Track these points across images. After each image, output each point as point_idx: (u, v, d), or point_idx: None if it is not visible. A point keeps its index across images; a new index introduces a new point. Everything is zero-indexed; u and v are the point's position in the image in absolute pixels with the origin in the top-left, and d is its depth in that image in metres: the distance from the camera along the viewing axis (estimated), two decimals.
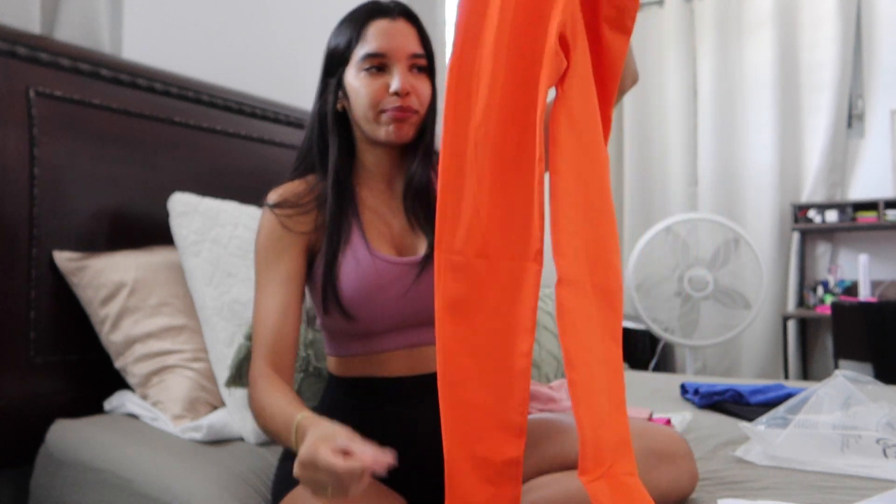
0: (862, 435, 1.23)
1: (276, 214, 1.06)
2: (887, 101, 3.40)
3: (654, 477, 0.95)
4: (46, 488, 1.28)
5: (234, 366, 1.25)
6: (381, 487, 1.01)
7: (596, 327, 0.87)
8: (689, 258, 3.01)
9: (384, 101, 1.03)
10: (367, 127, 1.06)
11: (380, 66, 1.03)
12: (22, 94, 1.36)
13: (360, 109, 1.05)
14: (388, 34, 1.04)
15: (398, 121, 1.03)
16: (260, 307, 1.04)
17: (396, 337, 1.06)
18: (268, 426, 0.94)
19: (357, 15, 1.07)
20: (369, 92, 1.03)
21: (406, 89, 1.02)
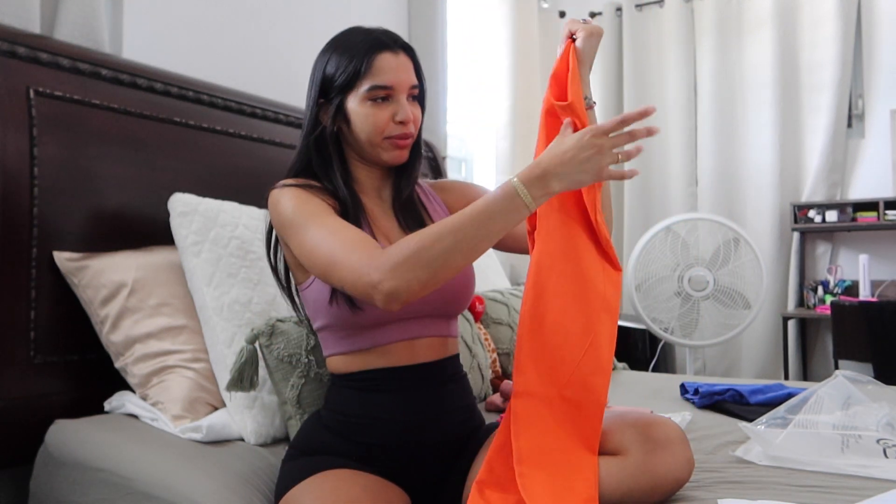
0: (862, 435, 1.23)
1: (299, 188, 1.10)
2: (887, 101, 3.39)
3: (651, 463, 0.98)
4: (46, 488, 1.28)
5: (236, 370, 1.24)
6: (383, 482, 1.03)
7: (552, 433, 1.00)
8: (689, 258, 3.01)
9: (389, 128, 1.12)
10: (371, 150, 1.15)
11: (385, 97, 1.12)
12: (22, 93, 1.36)
13: (364, 135, 1.13)
14: (394, 69, 1.12)
15: (400, 147, 1.14)
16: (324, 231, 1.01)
17: (398, 329, 1.09)
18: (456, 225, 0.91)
19: (360, 46, 1.12)
20: (376, 121, 1.12)
21: (409, 119, 1.13)
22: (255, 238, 1.51)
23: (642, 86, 3.91)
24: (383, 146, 1.14)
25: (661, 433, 1.01)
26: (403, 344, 1.10)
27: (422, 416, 1.08)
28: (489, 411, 1.72)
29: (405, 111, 1.12)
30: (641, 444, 0.99)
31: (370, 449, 1.07)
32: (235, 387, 1.24)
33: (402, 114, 1.12)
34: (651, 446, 0.99)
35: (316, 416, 1.16)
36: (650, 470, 0.97)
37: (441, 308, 1.13)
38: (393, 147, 1.14)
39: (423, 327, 1.11)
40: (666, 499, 1.02)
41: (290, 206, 1.07)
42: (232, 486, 1.10)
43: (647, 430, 1.01)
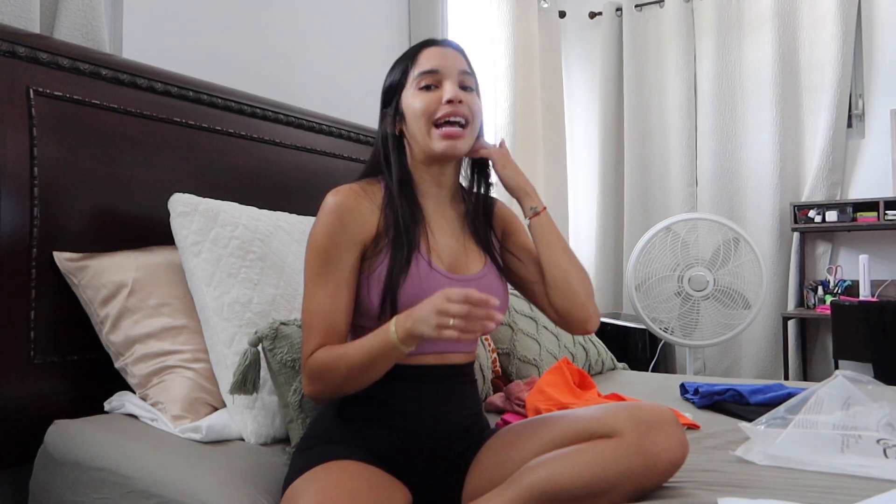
0: (862, 435, 1.23)
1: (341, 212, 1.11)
2: (887, 101, 3.39)
3: (645, 443, 0.99)
4: (46, 488, 1.28)
5: (240, 373, 1.24)
6: (386, 476, 1.04)
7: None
8: (689, 258, 3.01)
9: (438, 110, 1.13)
10: (423, 141, 1.15)
11: (434, 83, 1.14)
12: (22, 93, 1.36)
13: (415, 123, 1.14)
14: (440, 55, 1.16)
15: (451, 137, 1.13)
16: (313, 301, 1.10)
17: (429, 344, 1.09)
18: (351, 361, 1.02)
19: (410, 50, 1.20)
20: (423, 103, 1.13)
21: (458, 96, 1.13)
22: (255, 238, 1.51)
23: (642, 86, 3.91)
24: (434, 135, 1.13)
25: (653, 415, 1.03)
26: (431, 356, 1.13)
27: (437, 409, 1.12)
28: (489, 411, 1.72)
29: (454, 91, 1.13)
30: (634, 425, 1.00)
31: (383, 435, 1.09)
32: (238, 390, 1.24)
33: (449, 92, 1.12)
34: (644, 427, 1.00)
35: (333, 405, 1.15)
36: (644, 450, 0.98)
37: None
38: (443, 136, 1.13)
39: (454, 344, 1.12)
40: (662, 480, 1.03)
41: (313, 240, 1.12)
42: (232, 485, 1.10)
43: (638, 412, 1.03)
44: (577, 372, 1.84)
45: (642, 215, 3.85)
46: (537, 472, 0.99)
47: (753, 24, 3.65)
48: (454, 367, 1.16)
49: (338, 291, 1.10)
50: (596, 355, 2.28)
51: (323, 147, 2.11)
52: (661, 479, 1.02)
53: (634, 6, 3.93)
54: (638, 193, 3.87)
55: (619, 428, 1.00)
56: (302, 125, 2.04)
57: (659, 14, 3.90)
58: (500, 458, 1.07)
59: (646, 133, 3.89)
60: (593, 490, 0.97)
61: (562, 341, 2.15)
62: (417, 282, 1.09)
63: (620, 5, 3.98)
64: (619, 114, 3.98)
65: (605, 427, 1.01)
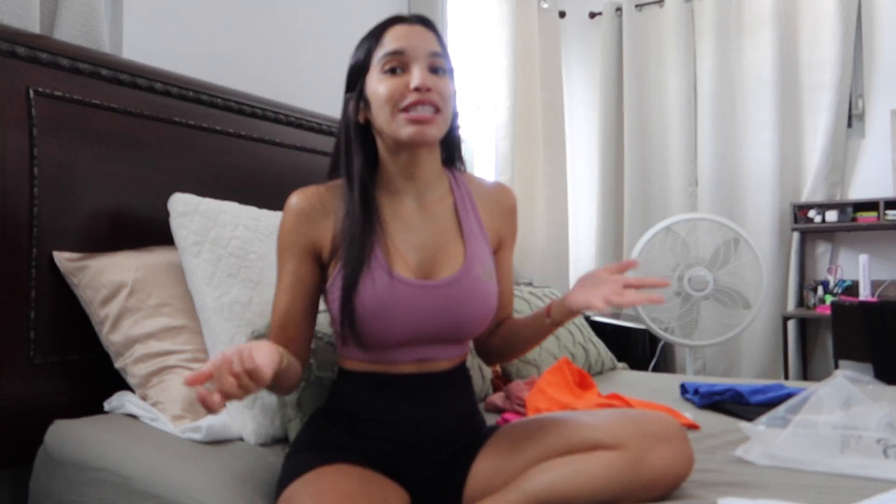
0: (862, 435, 1.23)
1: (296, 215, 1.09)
2: (887, 101, 3.39)
3: (651, 459, 0.98)
4: (46, 488, 1.28)
5: None
6: (383, 478, 1.03)
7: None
8: (689, 258, 3.01)
9: (404, 97, 1.02)
10: (389, 129, 1.04)
11: (399, 65, 1.04)
12: (22, 93, 1.36)
13: (380, 111, 1.04)
14: (406, 35, 1.05)
15: (417, 122, 1.02)
16: (275, 296, 1.12)
17: (408, 352, 1.08)
18: None
19: (375, 28, 1.09)
20: (388, 88, 1.02)
21: (427, 84, 1.02)
22: (255, 238, 1.51)
23: (642, 86, 3.91)
24: (399, 121, 1.02)
25: (661, 428, 1.01)
26: (412, 363, 1.09)
27: (426, 415, 1.08)
28: (489, 411, 1.72)
29: (421, 76, 1.01)
30: (640, 438, 0.98)
31: (373, 442, 1.07)
32: None
33: (417, 79, 1.01)
34: (650, 441, 0.98)
35: (320, 411, 1.16)
36: (650, 464, 0.97)
37: (451, 337, 1.10)
38: (409, 121, 1.02)
39: (433, 351, 1.09)
40: (666, 495, 1.02)
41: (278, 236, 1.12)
42: (231, 486, 1.10)
43: (645, 424, 1.01)
44: (578, 372, 1.84)
45: (642, 215, 3.85)
46: (540, 479, 0.98)
47: (753, 24, 3.65)
48: (438, 374, 1.10)
49: (291, 293, 1.09)
50: (596, 355, 2.28)
51: (323, 147, 2.11)
52: (664, 493, 1.01)
53: (634, 6, 3.93)
54: (638, 193, 3.87)
55: (624, 440, 0.98)
56: (302, 125, 2.04)
57: (659, 14, 3.90)
58: (502, 461, 1.05)
59: (646, 133, 3.89)
60: (595, 501, 0.96)
61: (561, 341, 2.15)
62: (374, 292, 1.02)
63: (620, 5, 3.98)
64: (619, 114, 3.98)
65: (611, 438, 0.99)
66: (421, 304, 1.04)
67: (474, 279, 1.08)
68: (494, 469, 1.05)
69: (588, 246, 4.08)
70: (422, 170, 1.10)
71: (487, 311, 1.11)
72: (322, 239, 1.08)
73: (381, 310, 1.02)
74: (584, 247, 4.11)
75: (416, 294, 1.04)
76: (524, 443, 1.06)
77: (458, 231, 1.12)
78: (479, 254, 1.11)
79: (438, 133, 1.06)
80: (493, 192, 1.20)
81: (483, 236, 1.14)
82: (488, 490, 1.03)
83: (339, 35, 2.47)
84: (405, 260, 1.07)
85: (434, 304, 1.05)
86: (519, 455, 1.04)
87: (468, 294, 1.07)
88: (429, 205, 1.12)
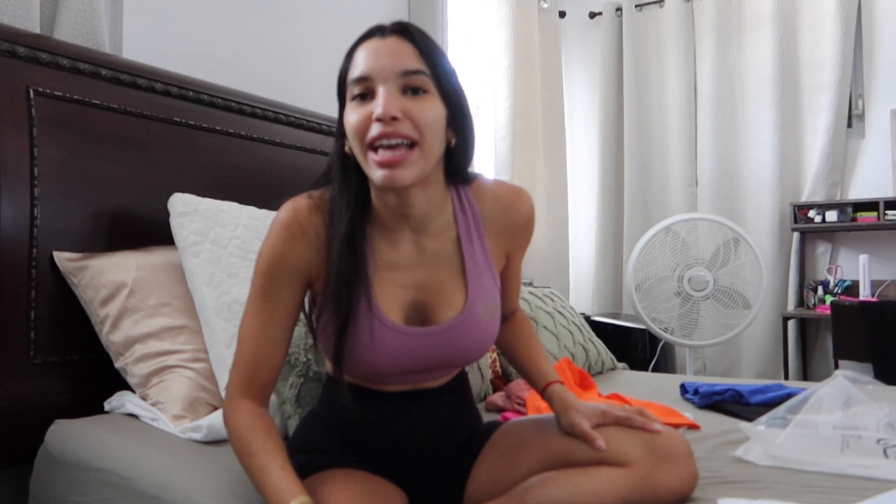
0: (862, 435, 1.23)
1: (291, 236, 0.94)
2: (887, 101, 3.39)
3: (655, 476, 0.96)
4: (46, 488, 1.28)
5: None
6: (381, 481, 1.02)
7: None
8: (689, 258, 3.01)
9: (369, 131, 0.87)
10: (364, 168, 0.90)
11: (366, 90, 0.89)
12: (22, 93, 1.36)
13: (353, 145, 0.90)
14: (375, 53, 0.89)
15: (383, 165, 0.86)
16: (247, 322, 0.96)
17: (400, 379, 1.03)
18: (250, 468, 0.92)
19: (353, 43, 0.95)
20: (353, 122, 0.88)
21: (389, 113, 0.85)
22: (255, 238, 1.51)
23: (642, 86, 3.91)
24: (369, 161, 0.88)
25: (668, 446, 0.99)
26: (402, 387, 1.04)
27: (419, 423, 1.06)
28: (489, 411, 1.72)
29: (383, 104, 0.85)
30: (647, 456, 0.97)
31: (369, 447, 1.06)
32: None
33: (379, 106, 0.85)
34: (657, 459, 0.97)
35: (311, 415, 1.13)
36: (655, 483, 0.96)
37: (449, 362, 1.03)
38: (377, 165, 0.86)
39: (425, 378, 1.04)
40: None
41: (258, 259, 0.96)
42: (232, 486, 1.10)
43: (653, 441, 0.99)
44: (578, 372, 1.84)
45: (642, 215, 3.85)
46: (542, 493, 0.96)
47: (753, 24, 3.65)
48: (431, 389, 1.05)
49: (271, 324, 0.95)
50: (596, 355, 2.28)
51: (323, 147, 2.11)
52: None
53: (634, 6, 3.93)
54: (638, 193, 3.87)
55: (631, 457, 0.97)
56: (302, 125, 2.04)
57: (659, 14, 3.90)
58: (503, 466, 1.04)
59: (646, 133, 3.89)
60: None
61: (562, 342, 2.15)
62: (368, 339, 0.94)
63: (620, 5, 3.98)
64: (619, 114, 3.98)
65: (617, 455, 0.98)
66: (415, 350, 0.97)
67: (474, 322, 1.00)
68: (495, 474, 1.04)
69: (588, 246, 4.08)
70: (415, 209, 0.95)
71: (485, 347, 1.04)
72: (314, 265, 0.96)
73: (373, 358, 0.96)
74: (584, 247, 4.11)
75: (409, 342, 0.97)
76: (526, 448, 1.05)
77: (461, 268, 1.01)
78: (481, 292, 1.01)
79: (416, 172, 0.88)
80: (507, 206, 1.05)
81: (489, 267, 1.03)
82: (490, 491, 1.02)
83: (339, 35, 2.47)
84: (400, 304, 0.97)
85: (429, 349, 0.98)
86: (520, 460, 1.03)
87: (467, 337, 1.00)
88: (427, 241, 0.99)
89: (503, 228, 1.05)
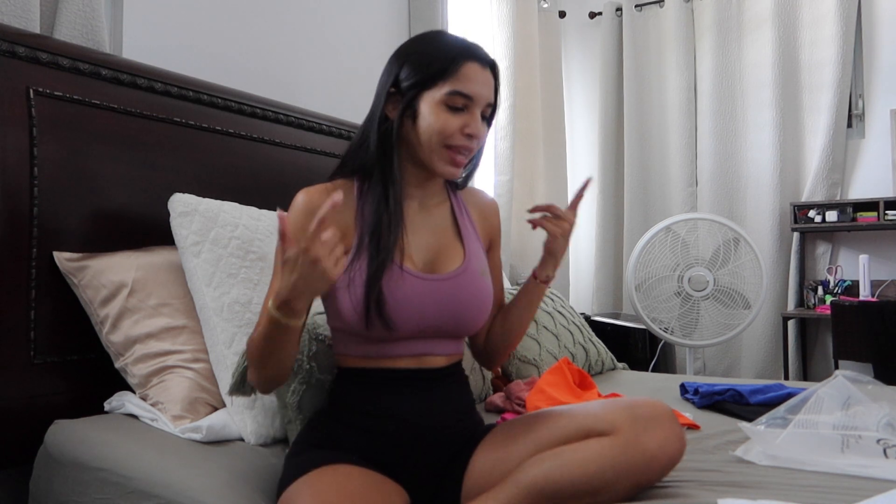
0: (862, 435, 1.23)
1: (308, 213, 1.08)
2: (887, 101, 3.40)
3: (643, 440, 0.99)
4: (46, 488, 1.28)
5: (238, 373, 1.24)
6: (382, 478, 1.04)
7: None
8: (689, 258, 3.01)
9: (454, 138, 1.09)
10: (427, 156, 1.11)
11: (463, 105, 1.09)
12: (22, 93, 1.36)
13: (427, 138, 1.09)
14: (479, 81, 1.10)
15: (456, 164, 1.11)
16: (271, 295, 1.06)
17: (407, 346, 1.11)
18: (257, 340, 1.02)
19: (450, 48, 1.10)
20: (445, 127, 1.08)
21: (478, 137, 1.11)
22: (255, 238, 1.51)
23: (642, 86, 3.91)
24: (441, 155, 1.10)
25: (650, 411, 1.03)
26: (410, 358, 1.12)
27: (423, 408, 1.11)
28: (489, 411, 1.72)
29: (476, 125, 1.10)
30: (632, 422, 1.00)
31: (372, 438, 1.08)
32: (237, 391, 1.24)
33: (473, 127, 1.09)
34: (642, 424, 1.00)
35: (318, 413, 1.17)
36: (641, 447, 0.98)
37: (452, 331, 1.14)
38: (450, 161, 1.10)
39: (432, 346, 1.13)
40: (661, 476, 1.03)
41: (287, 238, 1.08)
42: (232, 485, 1.10)
43: (635, 409, 1.03)
44: (578, 372, 1.84)
45: (642, 215, 3.85)
46: (535, 470, 0.99)
47: (753, 24, 3.65)
48: (434, 370, 1.14)
49: None
50: (596, 355, 2.28)
51: (323, 147, 2.11)
52: (659, 475, 1.02)
53: (634, 6, 3.93)
54: (638, 193, 3.87)
55: (616, 425, 1.00)
56: (302, 125, 2.04)
57: (659, 14, 3.90)
58: (497, 456, 1.07)
59: (646, 133, 3.90)
60: (591, 487, 0.97)
61: (561, 341, 2.15)
62: (389, 284, 1.07)
63: (620, 5, 3.98)
64: (619, 114, 3.98)
65: (603, 424, 1.02)
66: (426, 295, 1.10)
67: (473, 275, 1.16)
68: (491, 464, 1.07)
69: (588, 246, 4.08)
70: (431, 182, 1.19)
71: (485, 306, 1.17)
72: (346, 226, 1.11)
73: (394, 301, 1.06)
74: (584, 247, 4.11)
75: (422, 286, 1.10)
76: (519, 436, 1.08)
77: (457, 233, 1.21)
78: (475, 253, 1.20)
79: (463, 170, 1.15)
80: (480, 198, 1.31)
81: (477, 238, 1.23)
82: (486, 485, 1.04)
83: (339, 35, 2.47)
84: (411, 257, 1.13)
85: (438, 296, 1.10)
86: (514, 448, 1.06)
87: (468, 288, 1.14)
88: (430, 208, 1.20)
89: (481, 211, 1.28)
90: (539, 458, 1.01)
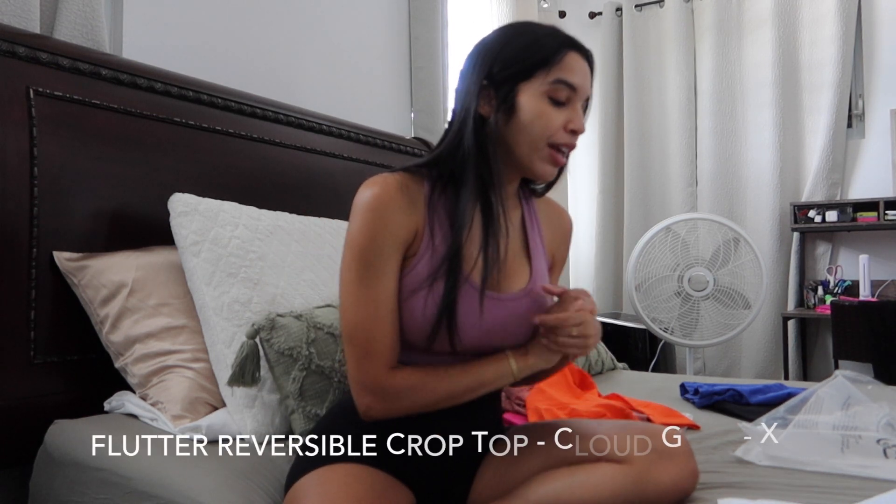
0: (862, 435, 1.23)
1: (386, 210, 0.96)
2: (887, 101, 3.40)
3: (653, 472, 0.97)
4: (46, 488, 1.28)
5: (237, 364, 1.25)
6: (390, 479, 1.03)
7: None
8: (689, 258, 3.01)
9: (558, 135, 1.00)
10: (527, 156, 1.00)
11: (566, 98, 1.00)
12: (22, 93, 1.36)
13: (529, 135, 0.99)
14: (583, 72, 1.01)
15: (556, 163, 1.02)
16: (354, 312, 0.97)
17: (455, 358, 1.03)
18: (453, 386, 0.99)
19: (550, 37, 1.00)
20: (549, 123, 0.99)
21: (582, 130, 1.01)
22: (255, 238, 1.51)
23: (642, 86, 3.91)
24: (542, 154, 1.00)
25: (667, 443, 1.01)
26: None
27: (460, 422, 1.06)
28: None
29: (580, 120, 1.00)
30: (647, 453, 0.99)
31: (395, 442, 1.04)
32: (237, 381, 1.24)
33: (578, 122, 1.00)
34: (656, 456, 0.98)
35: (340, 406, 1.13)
36: (654, 480, 0.97)
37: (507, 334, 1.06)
38: (551, 160, 1.00)
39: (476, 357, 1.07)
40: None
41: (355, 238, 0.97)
42: (232, 485, 1.10)
43: (653, 438, 1.01)
44: (578, 372, 1.84)
45: (642, 215, 3.85)
46: (543, 489, 0.98)
47: (753, 24, 3.66)
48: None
49: (382, 300, 0.96)
50: (596, 355, 2.28)
51: (323, 147, 2.11)
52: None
53: (634, 6, 3.94)
54: (638, 193, 3.87)
55: (631, 453, 0.99)
56: (302, 125, 2.04)
57: (659, 14, 3.90)
58: (507, 468, 1.05)
59: (646, 133, 3.90)
60: None
61: None
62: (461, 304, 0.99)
63: (620, 5, 3.98)
64: (619, 113, 3.98)
65: (617, 451, 1.00)
66: (490, 313, 1.01)
67: (537, 297, 1.07)
68: (499, 476, 1.05)
69: (588, 246, 4.08)
70: (512, 184, 1.09)
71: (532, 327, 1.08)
72: (412, 233, 0.99)
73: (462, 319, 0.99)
74: (584, 247, 4.11)
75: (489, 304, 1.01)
76: (529, 450, 1.06)
77: (525, 247, 1.11)
78: (541, 272, 1.11)
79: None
80: (555, 213, 1.20)
81: (544, 255, 1.13)
82: (494, 494, 1.03)
83: (339, 35, 2.47)
84: (479, 270, 1.01)
85: (501, 316, 1.02)
86: (524, 462, 1.05)
87: (530, 311, 1.04)
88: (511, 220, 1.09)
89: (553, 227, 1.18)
90: (550, 477, 0.99)
